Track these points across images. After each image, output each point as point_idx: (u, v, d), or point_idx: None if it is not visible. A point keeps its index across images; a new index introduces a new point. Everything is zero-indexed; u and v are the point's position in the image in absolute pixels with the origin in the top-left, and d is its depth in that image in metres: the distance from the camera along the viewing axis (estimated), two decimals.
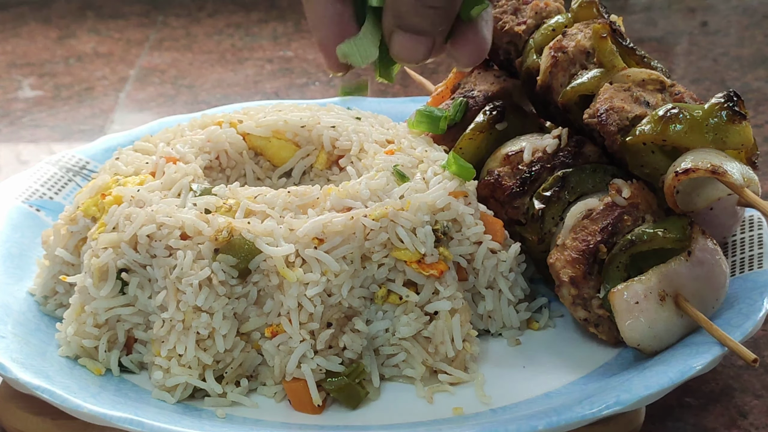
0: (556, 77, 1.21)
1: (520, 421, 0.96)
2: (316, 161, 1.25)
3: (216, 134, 1.23)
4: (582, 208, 1.13)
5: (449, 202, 1.11)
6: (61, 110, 1.83)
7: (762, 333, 1.17)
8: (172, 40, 2.13)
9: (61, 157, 1.39)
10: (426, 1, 0.92)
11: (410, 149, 1.20)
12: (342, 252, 1.06)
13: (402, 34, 0.94)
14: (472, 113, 1.27)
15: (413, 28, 0.93)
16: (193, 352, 1.05)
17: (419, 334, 1.09)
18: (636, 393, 0.98)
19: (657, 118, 1.11)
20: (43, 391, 1.00)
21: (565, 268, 1.10)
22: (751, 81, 1.86)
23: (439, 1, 0.92)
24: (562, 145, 1.18)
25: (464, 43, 0.97)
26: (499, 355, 1.13)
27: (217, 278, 1.05)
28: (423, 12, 0.92)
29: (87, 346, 1.10)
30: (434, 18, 0.93)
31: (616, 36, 1.19)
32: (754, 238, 1.19)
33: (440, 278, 1.08)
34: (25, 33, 2.16)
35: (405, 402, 1.07)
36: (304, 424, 1.04)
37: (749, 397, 1.10)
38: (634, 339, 1.05)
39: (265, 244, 1.06)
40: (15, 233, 1.27)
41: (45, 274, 1.18)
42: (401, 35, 0.94)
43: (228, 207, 1.10)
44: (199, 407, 1.06)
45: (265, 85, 1.93)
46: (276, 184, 1.25)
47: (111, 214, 1.11)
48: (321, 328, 1.06)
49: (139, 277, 1.09)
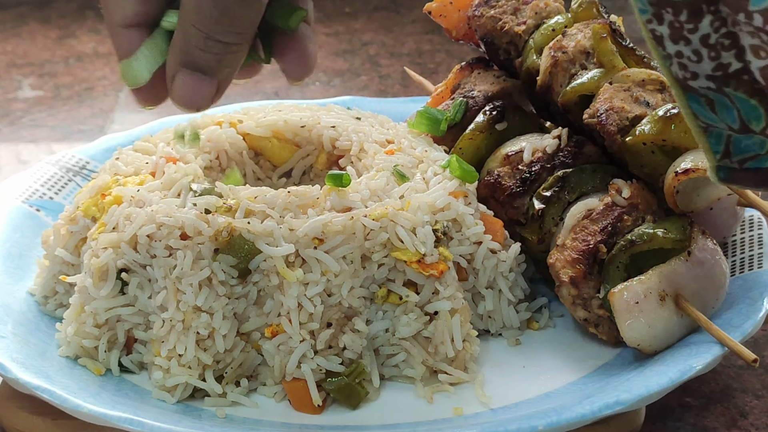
0: (556, 77, 1.21)
1: (520, 421, 0.96)
2: (316, 161, 1.25)
3: (216, 134, 1.23)
4: (582, 208, 1.13)
5: (449, 202, 1.11)
6: (61, 110, 1.83)
7: (762, 333, 1.17)
8: None
9: (61, 157, 1.39)
10: (216, 34, 0.85)
11: (410, 149, 1.20)
12: (342, 252, 1.06)
13: (185, 74, 0.87)
14: (472, 113, 1.27)
15: (199, 66, 0.87)
16: (193, 352, 1.05)
17: (419, 334, 1.09)
18: (636, 393, 0.98)
19: (657, 118, 1.11)
20: (43, 391, 1.00)
21: (565, 268, 1.10)
22: None
23: (231, 36, 0.86)
24: (562, 145, 1.19)
25: (291, 56, 0.92)
26: (499, 355, 1.13)
27: (217, 278, 1.05)
28: (212, 47, 0.86)
29: (87, 346, 1.10)
30: (223, 56, 0.86)
31: (615, 36, 1.19)
32: (754, 238, 1.19)
33: (440, 278, 1.08)
34: (25, 33, 2.16)
35: (405, 402, 1.07)
36: (304, 424, 1.04)
37: (749, 397, 1.10)
38: (634, 339, 1.05)
39: (265, 244, 1.06)
40: (15, 233, 1.27)
41: (45, 274, 1.18)
42: (185, 75, 0.87)
43: (228, 207, 1.10)
44: (199, 407, 1.06)
45: (265, 85, 1.93)
46: (276, 184, 1.25)
47: (111, 214, 1.11)
48: (321, 328, 1.06)
49: (139, 277, 1.09)
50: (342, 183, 1.10)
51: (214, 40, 0.86)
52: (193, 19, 0.85)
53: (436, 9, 1.34)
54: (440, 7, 1.34)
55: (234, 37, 0.86)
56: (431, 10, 1.34)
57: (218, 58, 0.87)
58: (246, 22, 0.86)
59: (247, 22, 0.86)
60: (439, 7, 1.34)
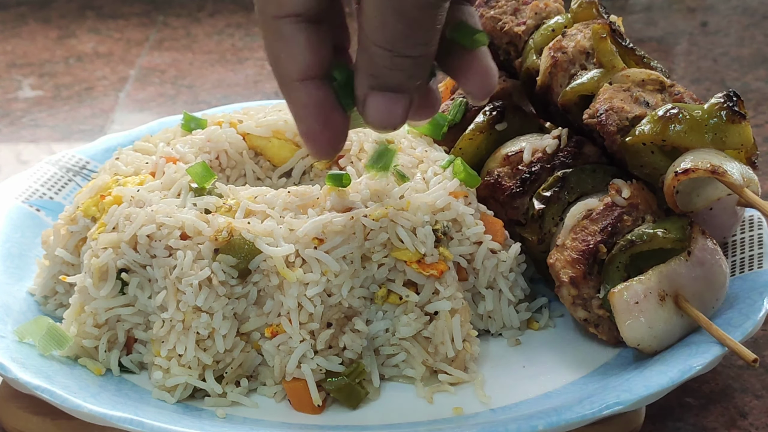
0: (555, 78, 1.21)
1: (520, 421, 0.96)
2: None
3: (216, 134, 1.23)
4: (582, 208, 1.13)
5: (449, 202, 1.11)
6: (61, 110, 1.83)
7: (762, 333, 1.17)
8: (172, 40, 2.14)
9: (61, 157, 1.39)
10: (404, 50, 0.83)
11: (410, 149, 1.20)
12: (342, 252, 1.06)
13: (377, 96, 0.86)
14: (471, 114, 1.27)
15: (390, 85, 0.85)
16: (193, 352, 1.05)
17: (419, 334, 1.09)
18: (636, 393, 0.98)
19: (657, 118, 1.11)
20: (43, 391, 1.00)
21: (565, 268, 1.10)
22: (751, 81, 1.86)
23: (418, 48, 0.84)
24: (561, 146, 1.19)
25: (473, 75, 0.90)
26: (499, 355, 1.13)
27: (217, 278, 1.05)
28: (400, 64, 0.84)
29: (87, 346, 1.10)
30: (412, 70, 0.85)
31: (615, 36, 1.19)
32: (754, 238, 1.19)
33: (440, 278, 1.08)
34: (25, 33, 2.16)
35: (405, 402, 1.07)
36: (304, 424, 1.04)
37: (749, 397, 1.10)
38: (634, 339, 1.05)
39: (265, 244, 1.06)
40: (15, 233, 1.27)
41: (45, 274, 1.18)
42: (377, 97, 0.86)
43: (228, 207, 1.10)
44: (199, 407, 1.06)
45: (265, 85, 1.93)
46: (276, 184, 1.25)
47: (111, 214, 1.11)
48: (321, 328, 1.06)
49: (139, 277, 1.09)
50: (342, 183, 1.10)
51: (402, 56, 0.84)
52: (376, 39, 0.83)
53: None
54: None
55: (421, 49, 0.84)
56: None
57: (408, 74, 0.85)
58: (432, 31, 0.84)
59: (432, 31, 0.84)
60: None
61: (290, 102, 0.88)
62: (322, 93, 0.87)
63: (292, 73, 0.87)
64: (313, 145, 0.89)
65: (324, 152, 0.89)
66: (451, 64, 0.91)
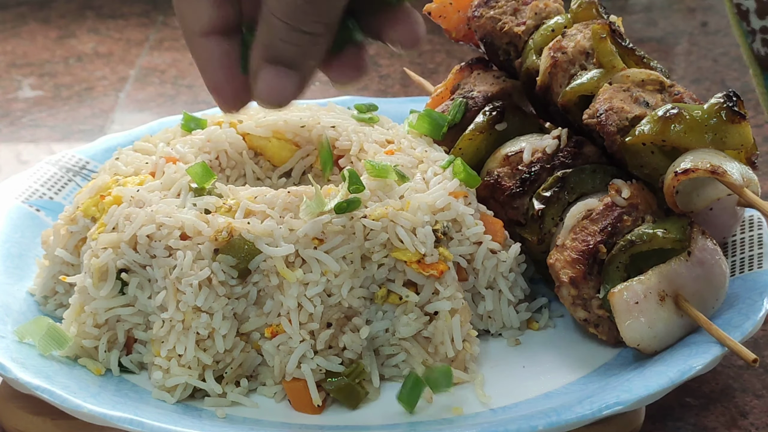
0: (555, 78, 1.21)
1: (520, 421, 0.96)
2: (316, 161, 1.25)
3: (216, 134, 1.23)
4: (582, 208, 1.13)
5: (449, 202, 1.11)
6: (61, 110, 1.83)
7: (762, 333, 1.17)
8: (172, 40, 2.13)
9: (61, 157, 1.39)
10: (301, 24, 0.82)
11: (410, 149, 1.20)
12: (342, 252, 1.06)
13: (269, 69, 0.85)
14: (471, 114, 1.27)
15: (283, 59, 0.84)
16: (193, 352, 1.05)
17: (419, 334, 1.09)
18: (636, 393, 0.98)
19: (656, 118, 1.11)
20: (43, 391, 1.00)
21: (564, 268, 1.10)
22: (751, 81, 1.86)
23: (315, 26, 0.83)
24: (561, 146, 1.19)
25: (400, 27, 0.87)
26: (499, 355, 1.13)
27: (217, 278, 1.05)
28: (297, 39, 0.83)
29: (87, 346, 1.10)
30: (308, 47, 0.84)
31: (615, 36, 1.19)
32: (754, 238, 1.19)
33: (440, 278, 1.08)
34: (25, 33, 2.16)
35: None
36: (304, 424, 1.04)
37: (749, 397, 1.10)
38: (634, 339, 1.05)
39: (265, 245, 1.06)
40: (15, 233, 1.27)
41: (45, 274, 1.18)
42: (268, 70, 0.85)
43: (228, 207, 1.10)
44: (199, 407, 1.06)
45: None
46: (276, 184, 1.25)
47: (111, 215, 1.11)
48: (321, 328, 1.06)
49: (139, 277, 1.09)
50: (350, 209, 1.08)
51: (299, 31, 0.83)
52: (276, 10, 0.83)
53: (435, 10, 1.34)
54: (440, 8, 1.34)
55: (318, 27, 0.84)
56: (431, 11, 1.34)
57: (302, 51, 0.85)
58: (331, 10, 0.84)
59: (332, 10, 0.84)
60: (439, 8, 1.34)
61: (194, 55, 0.89)
62: (224, 49, 0.88)
63: (194, 27, 0.88)
64: (219, 97, 0.90)
65: (231, 104, 0.90)
66: (376, 23, 0.89)
